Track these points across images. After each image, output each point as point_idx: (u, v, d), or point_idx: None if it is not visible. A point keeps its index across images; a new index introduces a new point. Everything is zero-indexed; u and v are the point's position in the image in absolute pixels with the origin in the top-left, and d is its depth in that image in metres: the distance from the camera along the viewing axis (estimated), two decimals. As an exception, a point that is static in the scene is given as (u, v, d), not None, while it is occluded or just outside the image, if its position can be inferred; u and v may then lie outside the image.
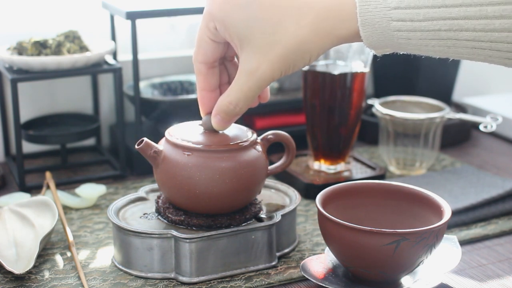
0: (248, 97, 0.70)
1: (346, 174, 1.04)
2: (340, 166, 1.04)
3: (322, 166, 1.05)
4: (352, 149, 1.06)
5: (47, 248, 0.86)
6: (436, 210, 0.76)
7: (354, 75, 0.99)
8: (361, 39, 0.65)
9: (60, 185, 1.03)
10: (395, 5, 0.62)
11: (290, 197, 0.89)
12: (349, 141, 1.03)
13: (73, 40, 1.04)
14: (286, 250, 0.84)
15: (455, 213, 0.91)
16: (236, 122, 0.86)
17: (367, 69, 1.00)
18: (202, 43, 0.73)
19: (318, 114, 1.02)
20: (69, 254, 0.85)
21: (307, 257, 0.82)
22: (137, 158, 1.07)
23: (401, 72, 1.27)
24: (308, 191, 1.00)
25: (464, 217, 0.92)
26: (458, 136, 1.24)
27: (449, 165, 1.13)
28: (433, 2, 0.60)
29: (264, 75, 0.68)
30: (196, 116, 0.94)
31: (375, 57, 1.32)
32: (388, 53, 0.69)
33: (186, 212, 0.81)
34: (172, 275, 0.79)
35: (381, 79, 1.33)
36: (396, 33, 0.64)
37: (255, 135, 0.82)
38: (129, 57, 1.17)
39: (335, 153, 1.04)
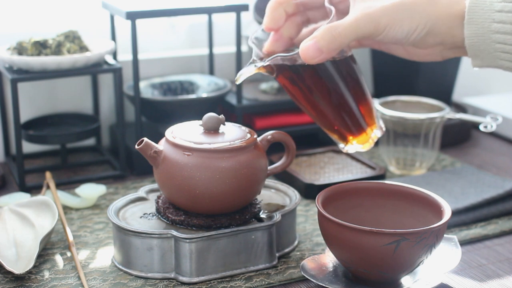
0: (352, 27, 0.74)
1: (348, 175, 1.04)
2: (375, 133, 0.90)
3: (356, 146, 0.91)
4: (376, 115, 0.91)
5: (47, 248, 0.86)
6: (436, 210, 0.76)
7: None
8: (463, 44, 0.74)
9: (60, 185, 1.04)
10: (499, 8, 0.71)
11: (290, 197, 0.89)
12: (368, 110, 0.89)
13: (73, 40, 1.04)
14: (286, 250, 0.84)
15: (455, 213, 0.91)
16: (236, 122, 0.86)
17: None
18: None
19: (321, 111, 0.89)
20: (69, 254, 0.85)
21: (307, 257, 0.82)
22: (137, 158, 1.07)
23: (401, 72, 1.27)
24: (308, 191, 1.00)
25: (464, 217, 0.92)
26: (458, 136, 1.24)
27: (449, 165, 1.13)
28: None
29: (374, 14, 0.74)
30: (196, 116, 0.94)
31: (374, 56, 1.32)
32: (483, 67, 0.76)
33: (186, 212, 0.81)
34: (172, 275, 0.79)
35: (381, 79, 1.33)
36: (494, 36, 0.71)
37: (255, 135, 0.82)
38: (129, 57, 1.17)
39: (360, 129, 0.90)
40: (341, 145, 0.88)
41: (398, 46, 0.82)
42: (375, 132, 0.88)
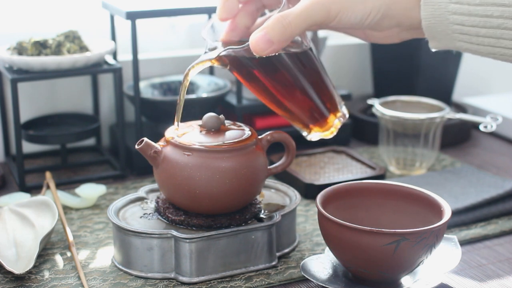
0: (303, 15, 0.71)
1: (348, 175, 1.04)
2: (338, 120, 0.86)
3: (319, 134, 0.87)
4: (338, 103, 0.86)
5: (47, 248, 0.86)
6: (436, 210, 0.76)
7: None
8: (420, 26, 0.71)
9: (60, 185, 1.04)
10: None
11: (290, 197, 0.89)
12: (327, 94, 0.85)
13: (73, 40, 1.04)
14: (286, 250, 0.84)
15: (455, 213, 0.91)
16: (236, 121, 0.86)
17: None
18: None
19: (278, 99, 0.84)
20: (69, 254, 0.85)
21: (307, 257, 0.82)
22: (137, 158, 1.07)
23: (401, 72, 1.27)
24: (308, 191, 1.00)
25: (464, 217, 0.92)
26: (458, 136, 1.24)
27: (449, 165, 1.13)
28: None
29: (324, 1, 0.71)
30: (196, 116, 0.94)
31: (374, 55, 1.32)
32: (441, 49, 0.73)
33: (186, 212, 0.81)
34: (172, 275, 0.79)
35: (381, 79, 1.33)
36: (452, 17, 0.68)
37: (255, 135, 0.82)
38: (129, 57, 1.17)
39: (322, 117, 0.86)
40: (304, 133, 0.85)
41: (356, 30, 0.79)
42: (338, 119, 0.85)
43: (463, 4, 0.67)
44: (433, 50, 0.74)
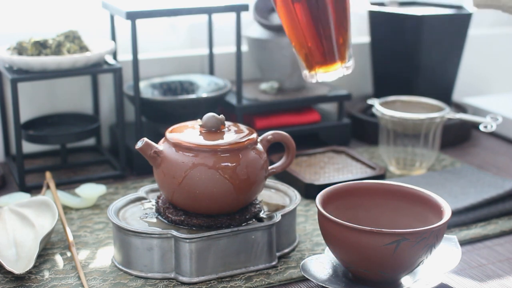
0: None
1: (348, 175, 1.04)
2: (343, 68, 0.86)
3: (321, 75, 0.86)
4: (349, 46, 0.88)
5: (47, 248, 0.86)
6: (436, 210, 0.76)
7: None
8: None
9: (60, 185, 1.04)
10: None
11: (290, 197, 0.89)
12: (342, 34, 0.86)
13: (73, 40, 1.04)
14: (286, 250, 0.84)
15: (455, 213, 0.91)
16: (235, 122, 0.86)
17: None
18: None
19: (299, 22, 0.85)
20: (69, 254, 0.85)
21: (307, 257, 0.82)
22: (137, 158, 1.07)
23: (401, 72, 1.27)
24: (308, 191, 1.00)
25: (464, 217, 0.92)
26: (458, 136, 1.24)
27: (449, 165, 1.13)
28: None
29: None
30: (196, 116, 0.94)
31: (374, 56, 1.32)
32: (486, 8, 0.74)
33: (186, 212, 0.81)
34: (172, 275, 0.79)
35: (381, 79, 1.33)
36: None
37: (255, 135, 0.82)
38: (129, 57, 1.17)
39: (331, 58, 0.86)
40: (305, 72, 0.85)
41: None
42: (342, 68, 0.86)
43: None
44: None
